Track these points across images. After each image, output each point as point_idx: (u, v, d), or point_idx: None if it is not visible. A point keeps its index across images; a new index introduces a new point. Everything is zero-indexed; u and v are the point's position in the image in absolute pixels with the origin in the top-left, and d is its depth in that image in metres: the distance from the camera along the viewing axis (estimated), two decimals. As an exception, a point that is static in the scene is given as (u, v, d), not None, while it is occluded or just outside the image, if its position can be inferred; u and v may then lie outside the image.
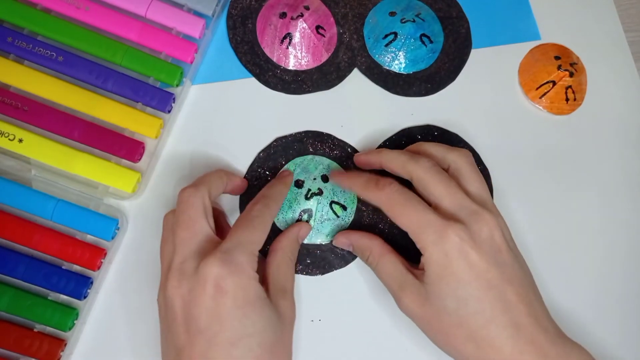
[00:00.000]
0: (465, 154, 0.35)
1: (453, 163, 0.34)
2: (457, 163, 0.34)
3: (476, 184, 0.33)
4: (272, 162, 0.39)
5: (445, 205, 0.32)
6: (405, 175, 0.34)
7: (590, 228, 0.40)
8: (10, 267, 0.35)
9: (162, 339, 0.31)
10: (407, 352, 0.37)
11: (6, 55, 0.37)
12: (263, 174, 0.39)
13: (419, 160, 0.33)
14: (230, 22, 0.42)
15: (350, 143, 0.40)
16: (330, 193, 0.38)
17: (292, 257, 0.35)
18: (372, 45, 0.42)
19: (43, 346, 0.34)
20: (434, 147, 0.35)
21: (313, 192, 0.37)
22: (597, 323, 0.39)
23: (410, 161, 0.33)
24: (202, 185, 0.32)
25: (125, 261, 0.37)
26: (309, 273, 0.38)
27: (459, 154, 0.34)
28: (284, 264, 0.34)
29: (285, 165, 0.39)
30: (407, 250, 0.35)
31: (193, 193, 0.32)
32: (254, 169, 0.39)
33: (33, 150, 0.36)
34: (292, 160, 0.39)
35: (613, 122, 0.43)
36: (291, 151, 0.39)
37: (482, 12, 0.44)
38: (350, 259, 0.38)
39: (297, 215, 0.37)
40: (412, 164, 0.33)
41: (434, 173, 0.33)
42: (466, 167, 0.34)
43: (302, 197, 0.37)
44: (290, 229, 0.36)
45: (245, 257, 0.30)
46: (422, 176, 0.33)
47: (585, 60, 0.43)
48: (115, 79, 0.38)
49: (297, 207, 0.37)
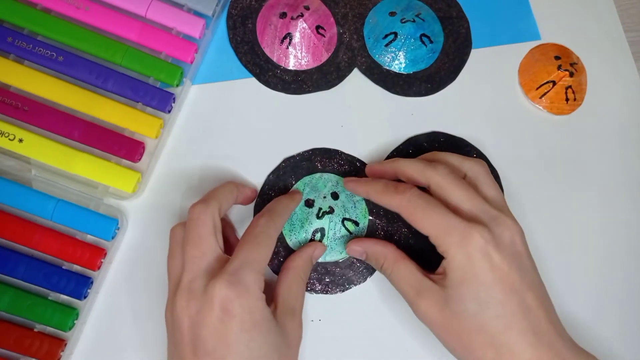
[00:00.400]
0: (481, 163, 0.35)
1: (469, 171, 0.34)
2: (474, 171, 0.34)
3: (493, 191, 0.33)
4: (282, 183, 0.39)
5: (466, 209, 0.32)
6: (423, 182, 0.33)
7: (591, 228, 0.40)
8: (11, 267, 0.35)
9: (168, 355, 0.31)
10: (407, 352, 0.37)
11: (6, 55, 0.37)
12: (274, 196, 0.38)
13: (437, 167, 0.33)
14: (230, 22, 0.42)
15: (355, 155, 0.40)
16: (342, 210, 0.38)
17: (304, 277, 0.35)
18: (372, 45, 0.42)
19: (43, 346, 0.34)
20: (450, 156, 0.35)
21: (324, 211, 0.37)
22: (598, 323, 0.39)
23: (427, 168, 0.33)
24: (213, 200, 0.33)
25: (125, 261, 0.37)
26: (328, 292, 0.38)
27: (474, 162, 0.34)
28: (295, 283, 0.34)
29: (294, 185, 0.39)
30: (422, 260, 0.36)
31: (203, 210, 0.32)
32: (265, 192, 0.39)
33: (33, 150, 0.36)
34: (301, 179, 0.39)
35: (613, 122, 0.43)
36: (300, 170, 0.39)
37: (482, 12, 0.44)
38: (368, 274, 0.38)
39: (309, 235, 0.37)
40: (430, 171, 0.33)
41: (453, 179, 0.32)
42: (483, 175, 0.34)
43: (313, 217, 0.37)
44: (305, 249, 0.36)
45: (252, 277, 0.30)
46: (440, 182, 0.32)
47: (586, 60, 0.43)
48: (115, 79, 0.38)
49: (309, 227, 0.37)
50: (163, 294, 0.37)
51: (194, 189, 0.39)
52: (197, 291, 0.29)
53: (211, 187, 0.39)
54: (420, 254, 0.38)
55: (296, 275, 0.34)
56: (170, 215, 0.38)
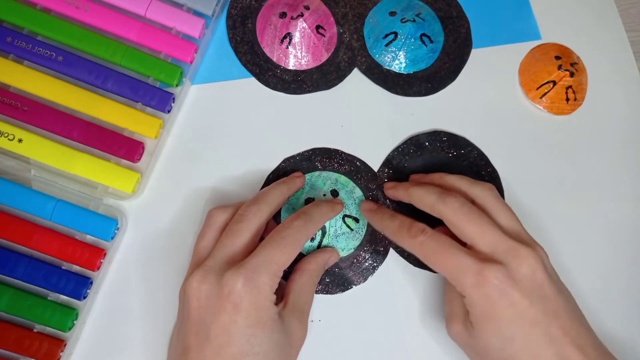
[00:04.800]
0: (490, 188, 0.35)
1: (478, 197, 0.34)
2: (482, 197, 0.34)
3: (506, 216, 0.33)
4: None
5: (480, 246, 0.32)
6: (436, 215, 0.33)
7: (591, 228, 0.40)
8: (10, 267, 0.35)
9: (174, 329, 0.32)
10: (408, 352, 0.37)
11: (6, 55, 0.37)
12: None
13: (447, 200, 0.33)
14: (230, 21, 0.42)
15: (355, 154, 0.40)
16: None
17: (316, 281, 0.35)
18: (372, 45, 0.42)
19: (43, 346, 0.34)
20: (458, 181, 0.35)
21: None
22: (599, 323, 0.38)
23: (438, 202, 0.33)
24: (265, 206, 0.34)
25: (124, 261, 0.37)
26: (329, 292, 0.38)
27: (482, 187, 0.34)
28: (308, 286, 0.34)
29: None
30: None
31: (254, 212, 0.33)
32: None
33: (33, 150, 0.36)
34: None
35: (614, 122, 0.43)
36: (300, 170, 0.39)
37: (483, 12, 0.44)
38: (368, 274, 0.38)
39: None
40: (441, 206, 0.33)
41: (464, 213, 0.32)
42: (492, 199, 0.34)
43: None
44: (321, 254, 0.36)
45: (267, 278, 0.30)
46: (452, 219, 0.32)
47: (586, 60, 0.43)
48: (115, 78, 0.38)
49: None
50: (163, 294, 0.37)
51: (193, 189, 0.39)
52: (213, 277, 0.30)
53: (211, 187, 0.39)
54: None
55: (310, 278, 0.35)
56: (170, 216, 0.38)
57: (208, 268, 0.31)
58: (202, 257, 0.32)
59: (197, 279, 0.30)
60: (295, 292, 0.33)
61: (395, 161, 0.40)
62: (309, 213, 0.34)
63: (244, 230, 0.32)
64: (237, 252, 0.32)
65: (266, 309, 0.30)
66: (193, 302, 0.30)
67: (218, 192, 0.39)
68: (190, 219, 0.38)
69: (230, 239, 0.32)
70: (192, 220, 0.38)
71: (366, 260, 0.38)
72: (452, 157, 0.40)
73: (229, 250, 0.32)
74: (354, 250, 0.38)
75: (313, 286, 0.35)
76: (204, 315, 0.30)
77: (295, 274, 0.35)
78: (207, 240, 0.33)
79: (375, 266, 0.38)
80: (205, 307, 0.30)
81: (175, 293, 0.33)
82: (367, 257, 0.38)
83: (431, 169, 0.39)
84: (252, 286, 0.30)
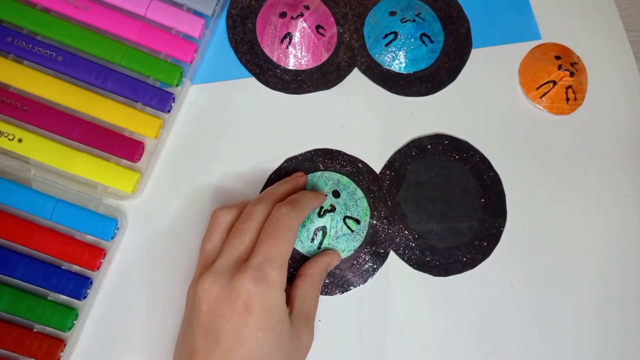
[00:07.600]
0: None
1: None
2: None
3: None
4: None
5: None
6: None
7: (591, 228, 0.40)
8: (10, 267, 0.35)
9: (181, 330, 0.32)
10: (408, 352, 0.37)
11: (6, 55, 0.37)
12: None
13: None
14: (230, 21, 0.42)
15: (355, 155, 0.40)
16: (343, 208, 0.38)
17: (319, 285, 0.35)
18: (372, 45, 0.42)
19: (43, 346, 0.34)
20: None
21: (326, 209, 0.37)
22: (598, 323, 0.38)
23: None
24: (272, 204, 0.33)
25: (124, 261, 0.37)
26: (328, 293, 0.38)
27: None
28: (312, 291, 0.34)
29: None
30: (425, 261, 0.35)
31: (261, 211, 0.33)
32: None
33: (32, 150, 0.36)
34: None
35: (614, 122, 0.42)
36: (302, 170, 0.39)
37: (483, 12, 0.44)
38: (368, 276, 0.38)
39: (311, 233, 0.37)
40: None
41: None
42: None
43: (315, 215, 0.37)
44: (323, 257, 0.36)
45: (275, 273, 0.30)
46: None
47: (586, 60, 0.43)
48: (115, 78, 0.38)
49: (310, 225, 0.37)
50: (163, 293, 0.37)
51: (193, 189, 0.39)
52: (222, 280, 0.30)
53: (211, 186, 0.39)
54: (421, 254, 0.39)
55: (313, 283, 0.34)
56: (169, 215, 0.38)
57: (219, 270, 0.30)
58: (210, 258, 0.32)
59: (209, 281, 0.30)
60: (300, 298, 0.33)
61: (397, 163, 0.40)
62: (295, 199, 0.34)
63: (252, 229, 0.32)
64: (246, 252, 0.31)
65: (277, 310, 0.30)
66: (204, 305, 0.30)
67: (218, 191, 0.39)
68: (190, 219, 0.38)
69: (238, 238, 0.32)
70: (192, 220, 0.38)
71: (366, 262, 0.38)
72: (454, 161, 0.40)
73: (238, 250, 0.31)
74: (354, 252, 0.38)
75: (317, 290, 0.35)
76: (213, 319, 0.29)
77: (298, 279, 0.34)
78: (213, 241, 0.33)
79: (375, 268, 0.38)
80: (215, 311, 0.29)
81: (175, 293, 0.33)
82: (367, 258, 0.38)
83: (433, 172, 0.40)
84: (263, 285, 0.29)
